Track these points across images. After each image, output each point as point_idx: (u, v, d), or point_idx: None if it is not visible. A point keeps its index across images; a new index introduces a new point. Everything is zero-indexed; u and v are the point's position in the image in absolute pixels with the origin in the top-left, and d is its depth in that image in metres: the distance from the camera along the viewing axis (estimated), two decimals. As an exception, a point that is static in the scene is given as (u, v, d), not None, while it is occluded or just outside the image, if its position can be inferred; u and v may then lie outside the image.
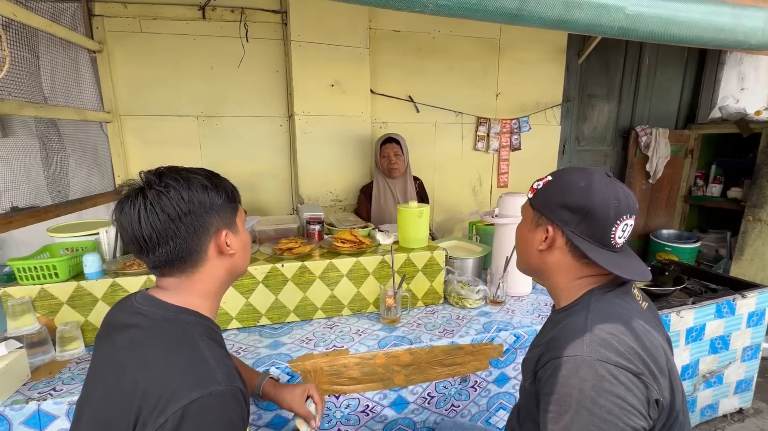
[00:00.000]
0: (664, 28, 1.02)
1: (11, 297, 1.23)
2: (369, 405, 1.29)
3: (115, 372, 0.67)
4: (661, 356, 0.67)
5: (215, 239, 0.75)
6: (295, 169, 2.51)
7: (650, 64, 3.33)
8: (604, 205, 0.71)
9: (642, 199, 3.44)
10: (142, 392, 0.61)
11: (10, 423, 1.04)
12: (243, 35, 2.27)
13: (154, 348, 0.67)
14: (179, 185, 0.70)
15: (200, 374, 0.63)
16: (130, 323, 0.71)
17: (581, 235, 0.73)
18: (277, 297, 1.45)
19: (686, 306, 1.80)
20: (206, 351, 0.66)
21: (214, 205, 0.73)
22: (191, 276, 0.74)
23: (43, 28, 1.58)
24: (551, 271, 0.80)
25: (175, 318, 0.71)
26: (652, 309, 0.82)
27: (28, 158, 1.62)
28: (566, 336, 0.68)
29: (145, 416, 0.60)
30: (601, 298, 0.73)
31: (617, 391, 0.61)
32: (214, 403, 0.61)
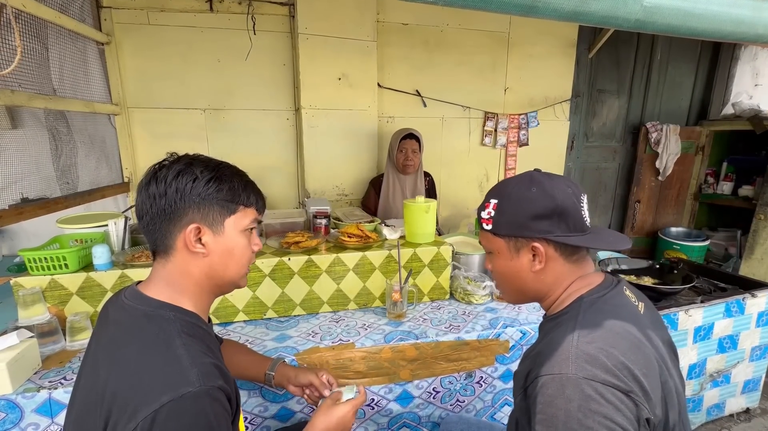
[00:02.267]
0: (682, 20, 0.99)
1: (22, 287, 1.24)
2: (374, 398, 1.30)
3: (93, 370, 0.66)
4: (654, 369, 0.63)
5: (183, 231, 0.70)
6: (302, 162, 2.50)
7: (662, 58, 3.27)
8: (566, 195, 0.72)
9: (651, 196, 3.40)
10: (112, 394, 0.60)
11: (22, 411, 1.05)
12: (250, 28, 2.26)
13: (128, 347, 0.64)
14: (172, 170, 0.69)
15: (172, 376, 0.60)
16: (114, 319, 0.71)
17: (565, 234, 0.72)
18: (284, 290, 1.45)
19: (695, 304, 1.78)
20: (181, 350, 0.63)
21: (192, 195, 0.69)
22: (166, 265, 0.72)
23: (51, 20, 1.58)
24: (551, 286, 0.76)
25: (155, 314, 0.68)
26: (650, 310, 0.78)
27: (38, 150, 1.63)
28: (552, 352, 0.64)
29: (114, 420, 0.58)
30: (590, 307, 0.69)
31: (605, 411, 0.57)
32: (187, 406, 0.58)
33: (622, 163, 3.45)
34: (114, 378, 0.61)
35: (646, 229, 3.46)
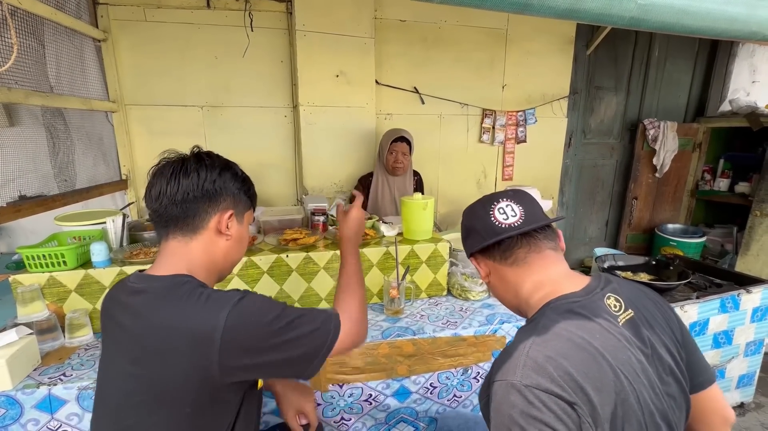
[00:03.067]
0: (676, 18, 0.99)
1: (21, 284, 1.25)
2: (372, 394, 1.31)
3: (143, 326, 0.73)
4: (608, 383, 0.62)
5: (220, 214, 0.83)
6: (300, 160, 2.50)
7: (660, 55, 3.27)
8: (473, 212, 0.85)
9: (648, 192, 3.41)
10: (183, 329, 0.70)
11: (21, 407, 1.06)
12: (248, 24, 2.25)
13: (169, 300, 0.74)
14: (219, 162, 0.83)
15: (217, 300, 0.73)
16: (139, 289, 0.77)
17: (481, 244, 0.81)
18: (282, 287, 1.46)
19: (690, 300, 1.79)
20: (210, 290, 0.76)
21: (233, 189, 0.84)
22: (189, 242, 0.81)
23: (47, 17, 1.57)
24: (511, 293, 0.82)
25: (173, 281, 0.77)
26: (644, 315, 0.73)
27: (35, 147, 1.63)
28: (506, 358, 0.66)
29: (199, 351, 0.69)
30: (551, 315, 0.69)
31: (546, 419, 0.58)
32: (244, 305, 0.73)
33: (619, 159, 3.46)
34: (174, 320, 0.71)
35: (643, 226, 3.48)
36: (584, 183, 3.43)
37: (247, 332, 0.71)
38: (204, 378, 0.70)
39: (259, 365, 0.73)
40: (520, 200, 0.81)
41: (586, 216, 3.54)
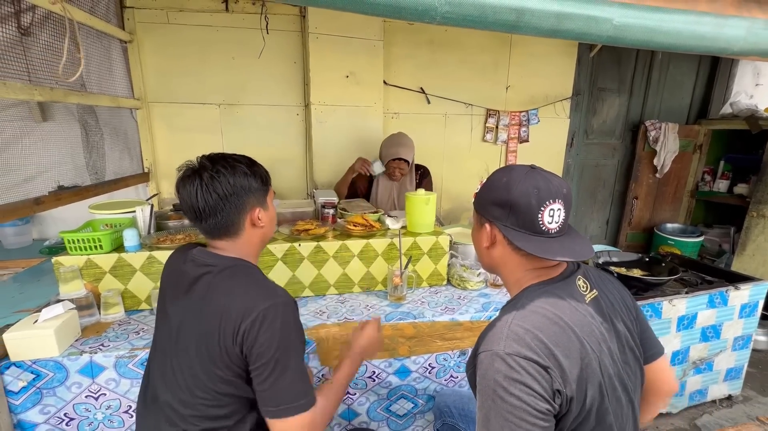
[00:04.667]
0: (649, 36, 1.09)
1: (62, 265, 1.39)
2: (375, 371, 1.43)
3: (204, 304, 0.90)
4: (575, 350, 0.72)
5: (250, 214, 0.95)
6: (310, 156, 2.63)
7: (663, 58, 3.33)
8: (524, 194, 0.77)
9: (648, 192, 3.48)
10: (230, 309, 0.86)
11: (67, 371, 1.21)
12: (263, 27, 2.37)
13: (231, 282, 0.90)
14: (227, 171, 0.91)
15: (267, 291, 0.89)
16: (202, 272, 0.93)
17: (512, 227, 0.79)
18: (294, 273, 1.59)
19: (679, 295, 1.89)
20: (267, 280, 0.94)
21: (251, 188, 0.94)
22: (234, 242, 0.96)
23: (83, 21, 1.71)
24: (499, 266, 0.87)
25: (236, 263, 0.94)
26: (606, 294, 0.85)
27: (72, 141, 1.77)
28: (491, 331, 0.75)
29: (234, 324, 0.84)
30: (531, 295, 0.78)
31: (525, 380, 0.68)
32: (280, 308, 0.87)
33: (621, 159, 3.53)
34: (227, 302, 0.87)
35: (642, 225, 3.55)
36: (586, 182, 3.52)
37: (262, 336, 0.84)
38: (229, 346, 0.86)
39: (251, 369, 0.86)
40: (567, 207, 0.80)
41: (587, 214, 3.63)
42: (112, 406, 1.25)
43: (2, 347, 1.16)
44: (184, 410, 0.90)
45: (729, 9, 1.08)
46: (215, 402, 0.89)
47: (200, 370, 0.88)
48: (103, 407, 1.25)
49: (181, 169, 0.93)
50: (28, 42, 1.54)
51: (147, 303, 1.50)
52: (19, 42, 1.51)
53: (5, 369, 1.17)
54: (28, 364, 1.18)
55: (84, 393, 1.23)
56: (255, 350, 0.84)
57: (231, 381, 0.88)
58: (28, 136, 1.75)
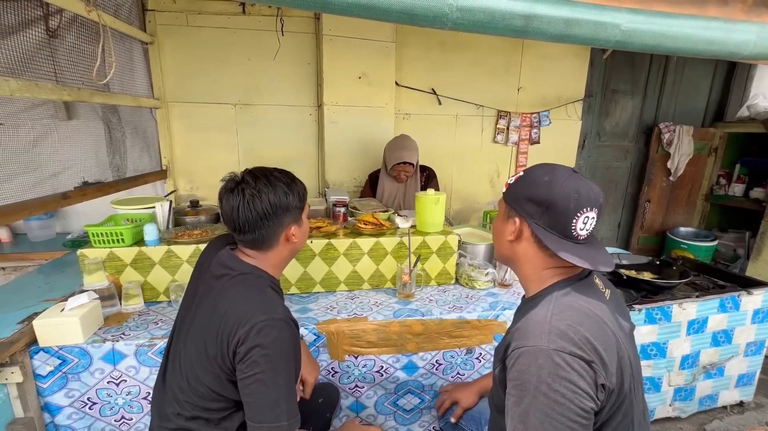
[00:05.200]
0: (657, 41, 1.09)
1: (87, 257, 1.46)
2: (383, 366, 1.47)
3: (214, 305, 0.96)
4: (612, 344, 0.73)
5: (286, 231, 1.01)
6: (323, 155, 2.68)
7: (679, 60, 3.29)
8: (565, 197, 0.77)
9: (662, 195, 3.45)
10: (227, 316, 0.90)
11: (91, 358, 1.27)
12: (278, 29, 2.43)
13: (236, 289, 0.95)
14: (267, 190, 0.95)
15: (266, 305, 0.91)
16: (222, 273, 0.99)
17: (544, 227, 0.80)
18: (306, 269, 1.64)
19: (689, 299, 1.88)
20: (271, 293, 0.97)
21: (289, 206, 0.99)
22: (265, 254, 1.02)
23: (109, 24, 1.78)
24: (520, 261, 0.87)
25: (252, 272, 0.99)
26: (615, 296, 0.88)
27: (96, 139, 1.85)
28: (529, 327, 0.75)
29: (230, 331, 0.88)
30: (562, 291, 0.79)
31: (570, 377, 0.68)
32: (275, 324, 0.88)
33: (633, 162, 3.50)
34: (231, 306, 0.91)
35: (655, 228, 3.52)
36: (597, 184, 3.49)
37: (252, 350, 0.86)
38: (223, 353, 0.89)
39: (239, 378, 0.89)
40: (599, 217, 0.81)
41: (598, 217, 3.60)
42: (132, 392, 1.31)
43: (32, 333, 1.23)
44: (181, 395, 0.96)
45: (738, 14, 1.08)
46: (206, 396, 0.93)
47: (197, 365, 0.94)
48: (123, 393, 1.31)
49: (224, 180, 0.98)
50: (55, 44, 1.62)
51: (165, 295, 1.57)
52: (47, 44, 1.59)
53: (34, 353, 1.24)
54: (55, 350, 1.25)
55: (106, 379, 1.29)
56: (244, 362, 0.86)
57: (221, 382, 0.91)
58: (55, 133, 1.83)
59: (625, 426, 0.77)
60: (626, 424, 0.77)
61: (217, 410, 0.94)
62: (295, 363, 0.92)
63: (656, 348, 1.87)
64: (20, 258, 2.20)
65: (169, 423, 0.97)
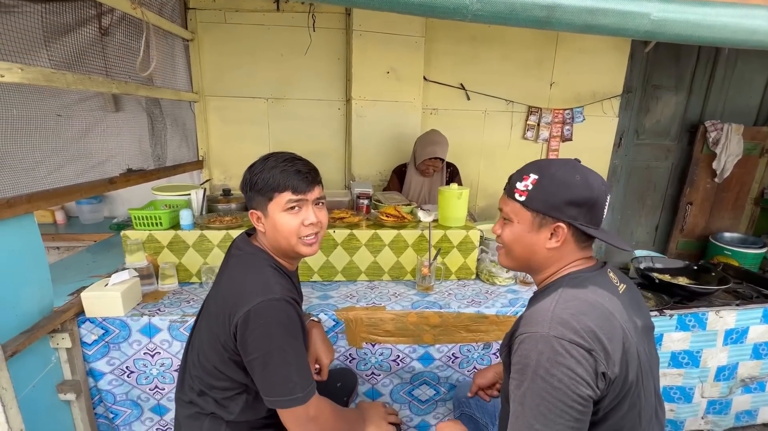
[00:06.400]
0: (691, 31, 1.02)
1: (129, 238, 1.58)
2: (399, 355, 1.49)
3: (220, 285, 1.01)
4: (617, 335, 0.74)
5: (250, 215, 1.04)
6: (350, 149, 2.73)
7: (730, 52, 3.07)
8: (603, 192, 0.80)
9: (705, 198, 3.24)
10: (228, 297, 0.94)
11: (130, 330, 1.38)
12: (310, 25, 2.49)
13: (237, 270, 0.99)
14: (252, 168, 1.00)
15: (263, 286, 0.93)
16: (235, 254, 1.05)
17: (587, 225, 0.81)
18: (328, 258, 1.69)
19: (729, 307, 1.77)
20: (269, 274, 0.97)
21: (249, 193, 1.01)
22: (258, 236, 1.06)
23: (153, 22, 1.90)
24: (553, 263, 0.85)
25: (255, 253, 1.03)
26: (631, 291, 0.88)
27: (139, 129, 1.99)
28: (534, 315, 0.77)
29: (228, 312, 0.91)
30: (572, 282, 0.80)
31: (568, 363, 0.69)
32: (273, 305, 0.90)
33: (675, 162, 3.31)
34: (228, 288, 0.96)
35: (697, 233, 3.32)
36: (634, 185, 3.34)
37: (252, 332, 0.88)
38: (227, 334, 0.93)
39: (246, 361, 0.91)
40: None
41: (634, 219, 3.44)
42: (165, 364, 1.41)
43: (80, 304, 1.36)
44: (193, 370, 1.02)
45: (785, 1, 1.00)
46: (212, 373, 0.98)
47: (206, 341, 0.99)
48: (157, 364, 1.41)
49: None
50: (105, 41, 1.75)
51: (197, 277, 1.67)
52: (99, 41, 1.72)
53: (81, 323, 1.36)
54: (99, 320, 1.37)
55: (143, 350, 1.40)
56: (247, 344, 0.89)
57: (225, 361, 0.95)
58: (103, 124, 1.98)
59: (631, 417, 0.77)
60: (632, 416, 0.77)
61: (221, 389, 0.99)
62: (295, 337, 0.93)
63: (688, 357, 1.78)
64: (72, 239, 2.41)
65: (184, 396, 1.05)
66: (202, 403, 1.01)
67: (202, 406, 1.01)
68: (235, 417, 1.00)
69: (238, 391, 1.00)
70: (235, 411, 1.00)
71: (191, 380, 1.03)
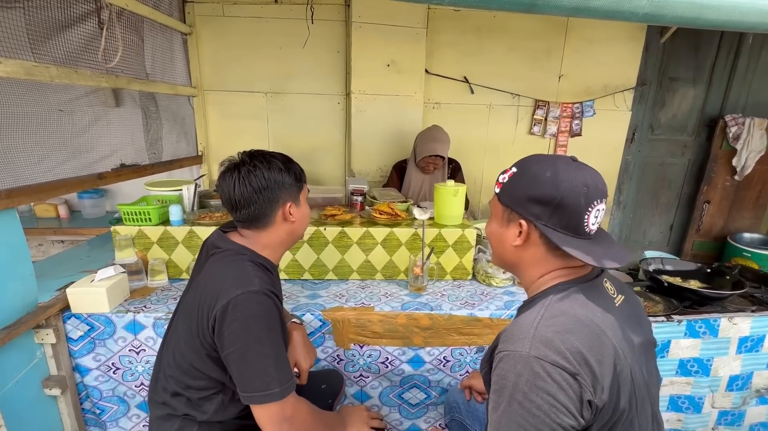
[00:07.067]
0: (697, 12, 0.91)
1: (119, 234, 1.57)
2: (389, 358, 1.45)
3: (198, 282, 1.00)
4: (608, 356, 0.66)
5: (282, 209, 1.01)
6: (350, 144, 2.68)
7: (755, 42, 2.88)
8: (574, 193, 0.70)
9: (724, 197, 3.08)
10: (205, 292, 0.93)
11: (115, 326, 1.37)
12: (308, 17, 2.44)
13: (216, 265, 0.98)
14: (263, 166, 0.96)
15: (241, 279, 0.91)
16: (212, 253, 1.03)
17: (554, 227, 0.73)
18: (319, 256, 1.65)
19: (743, 313, 1.67)
20: (249, 268, 0.95)
21: (284, 183, 0.99)
22: (260, 233, 1.02)
23: (147, 15, 1.88)
24: (526, 265, 0.80)
25: (236, 250, 1.00)
26: (630, 303, 0.80)
27: (133, 125, 1.98)
28: (515, 331, 0.69)
29: (207, 306, 0.90)
30: (560, 295, 0.72)
31: (549, 389, 0.62)
32: (251, 297, 0.88)
33: (692, 158, 3.15)
34: (207, 283, 0.95)
35: (714, 233, 3.16)
36: (647, 182, 3.19)
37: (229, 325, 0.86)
38: (204, 329, 0.91)
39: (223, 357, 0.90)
40: (605, 204, 0.75)
41: (647, 217, 3.30)
42: (150, 361, 1.40)
43: (66, 300, 1.35)
44: (168, 369, 1.00)
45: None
46: (188, 372, 0.96)
47: (183, 340, 0.97)
48: (143, 361, 1.40)
49: (223, 164, 1.01)
50: (102, 34, 1.73)
51: (187, 273, 1.65)
52: (99, 35, 1.70)
53: (67, 319, 1.36)
54: (85, 317, 1.36)
55: (128, 347, 1.39)
56: (225, 337, 0.87)
57: (202, 358, 0.94)
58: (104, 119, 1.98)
59: None
60: None
61: (197, 389, 0.97)
62: (274, 331, 0.91)
63: (698, 365, 1.68)
64: (74, 233, 2.44)
65: (157, 396, 1.02)
66: (175, 404, 0.99)
67: (174, 407, 0.99)
68: (209, 418, 0.98)
69: (215, 391, 0.98)
70: (208, 412, 0.98)
71: (165, 380, 1.00)
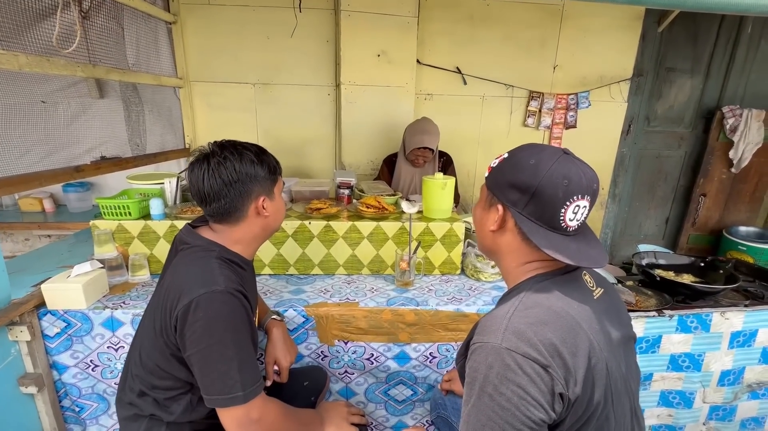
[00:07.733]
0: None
1: (98, 228, 1.53)
2: (374, 354, 1.42)
3: (164, 279, 0.98)
4: (583, 349, 0.65)
5: (255, 203, 0.96)
6: (340, 136, 2.63)
7: (754, 32, 2.83)
8: (552, 184, 0.69)
9: (720, 189, 3.05)
10: (169, 290, 0.90)
11: (92, 323, 1.34)
12: (296, 5, 2.37)
13: (182, 262, 0.94)
14: (234, 158, 0.91)
15: (206, 278, 0.88)
16: (180, 249, 1.00)
17: (528, 216, 0.72)
18: (304, 251, 1.61)
19: (735, 308, 1.64)
20: (215, 266, 0.91)
21: (257, 176, 0.95)
22: (232, 228, 0.98)
23: (127, 2, 1.82)
24: (503, 253, 0.79)
25: (203, 245, 0.97)
26: (610, 298, 0.79)
27: (115, 117, 1.93)
28: (489, 322, 0.69)
29: (169, 305, 0.87)
30: (536, 286, 0.71)
31: (519, 381, 0.61)
32: (215, 297, 0.85)
33: (689, 151, 3.11)
34: (172, 280, 0.91)
35: (710, 226, 3.13)
36: (643, 174, 3.16)
37: (191, 326, 0.84)
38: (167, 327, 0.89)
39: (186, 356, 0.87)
40: (592, 204, 0.73)
41: (642, 211, 3.27)
42: (129, 359, 1.37)
43: (41, 296, 1.32)
44: (134, 369, 0.97)
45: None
46: (154, 372, 0.94)
47: (147, 339, 0.94)
48: (121, 358, 1.37)
49: (193, 154, 0.96)
50: (87, 24, 1.67)
51: (169, 269, 1.61)
52: (80, 24, 1.64)
53: (43, 315, 1.32)
54: (61, 313, 1.32)
55: (106, 344, 1.35)
56: (186, 338, 0.85)
57: (167, 358, 0.91)
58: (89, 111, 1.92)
59: None
60: None
61: (163, 389, 0.94)
62: (249, 333, 0.89)
63: (689, 360, 1.66)
64: (59, 227, 2.40)
65: (125, 396, 1.00)
66: (142, 404, 0.96)
67: (141, 407, 0.96)
68: (176, 418, 0.95)
69: (182, 391, 0.95)
70: (176, 412, 0.95)
71: (132, 380, 0.98)
